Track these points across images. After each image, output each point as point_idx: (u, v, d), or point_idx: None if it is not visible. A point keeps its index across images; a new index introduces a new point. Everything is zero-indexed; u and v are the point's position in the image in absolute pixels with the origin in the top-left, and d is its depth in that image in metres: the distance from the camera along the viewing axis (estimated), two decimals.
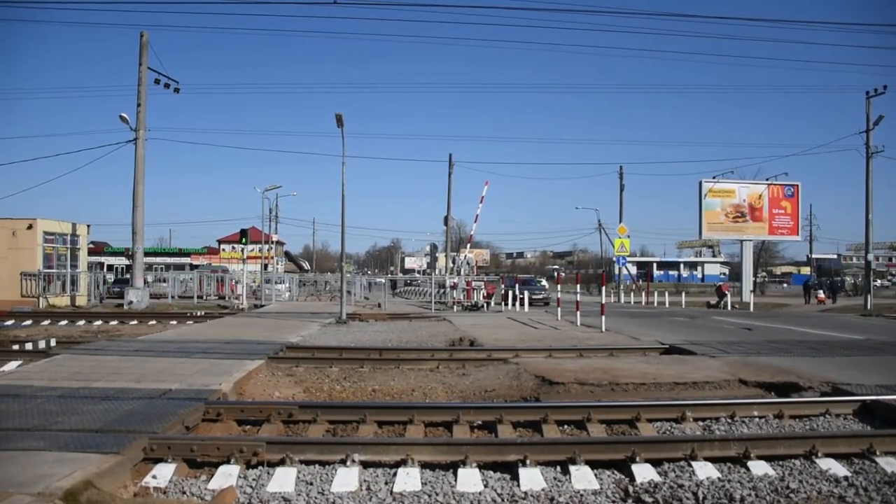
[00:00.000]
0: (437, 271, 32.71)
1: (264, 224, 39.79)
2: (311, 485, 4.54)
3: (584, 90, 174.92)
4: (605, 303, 17.02)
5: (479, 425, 6.16)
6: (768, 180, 35.03)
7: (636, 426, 6.14)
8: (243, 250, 31.51)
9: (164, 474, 4.57)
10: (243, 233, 30.35)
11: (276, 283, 34.93)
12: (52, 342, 12.23)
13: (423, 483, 4.57)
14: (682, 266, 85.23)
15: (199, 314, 20.63)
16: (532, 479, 4.60)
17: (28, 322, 17.85)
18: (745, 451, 5.03)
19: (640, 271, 70.65)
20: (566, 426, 6.22)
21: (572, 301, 22.53)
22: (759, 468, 4.85)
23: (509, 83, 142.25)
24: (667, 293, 36.88)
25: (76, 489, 3.84)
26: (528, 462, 4.75)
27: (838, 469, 4.88)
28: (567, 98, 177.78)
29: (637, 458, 4.87)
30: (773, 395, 7.71)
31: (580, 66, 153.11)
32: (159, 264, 55.74)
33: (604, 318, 15.46)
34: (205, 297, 31.58)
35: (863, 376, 8.14)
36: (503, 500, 4.38)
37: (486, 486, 4.56)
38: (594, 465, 4.88)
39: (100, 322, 18.16)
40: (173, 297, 30.96)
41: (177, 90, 26.17)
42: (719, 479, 4.64)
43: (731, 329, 15.92)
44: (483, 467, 4.80)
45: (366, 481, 4.60)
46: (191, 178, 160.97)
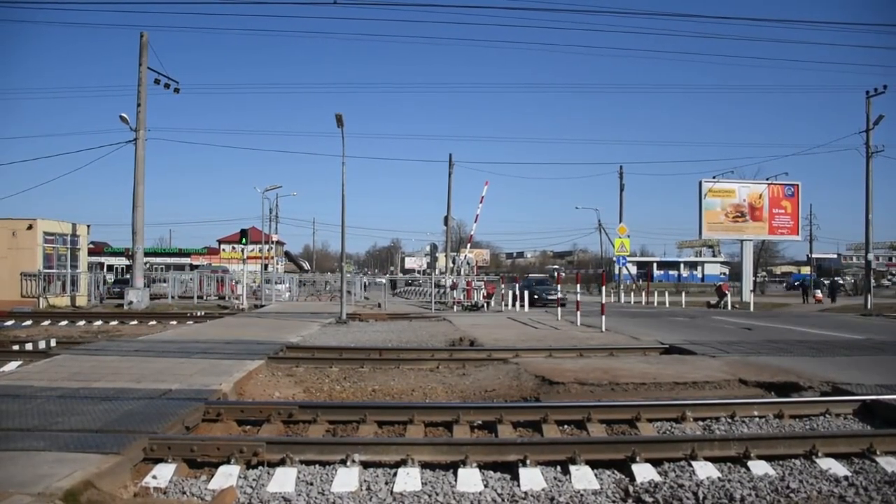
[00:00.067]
0: (437, 271, 32.70)
1: (264, 224, 39.83)
2: (312, 485, 4.54)
3: (584, 90, 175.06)
4: (605, 303, 17.03)
5: (479, 425, 6.16)
6: (768, 180, 35.06)
7: (636, 426, 6.14)
8: (243, 250, 31.52)
9: (164, 474, 4.57)
10: (243, 233, 30.37)
11: (276, 283, 34.94)
12: (52, 342, 12.23)
13: (423, 483, 4.57)
14: (682, 266, 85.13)
15: (199, 314, 20.63)
16: (532, 479, 4.60)
17: (28, 322, 17.86)
18: (745, 451, 5.03)
19: (640, 271, 70.61)
20: (566, 426, 6.23)
21: (572, 301, 22.54)
22: (759, 468, 4.85)
23: (509, 83, 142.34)
24: (667, 293, 36.89)
25: (76, 489, 3.84)
26: (528, 462, 4.75)
27: (838, 469, 4.88)
28: (567, 98, 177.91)
29: (637, 458, 4.87)
30: (774, 394, 7.71)
31: (580, 66, 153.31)
32: (159, 264, 55.74)
33: (604, 317, 15.47)
34: (205, 298, 31.59)
35: (863, 376, 8.14)
36: (503, 500, 4.38)
37: (486, 486, 4.56)
38: (594, 464, 4.88)
39: (100, 322, 18.17)
40: (173, 298, 30.97)
41: (177, 90, 26.22)
42: (719, 478, 4.64)
43: (731, 329, 15.93)
44: (483, 467, 4.81)
45: (366, 481, 4.61)
46: (191, 178, 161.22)
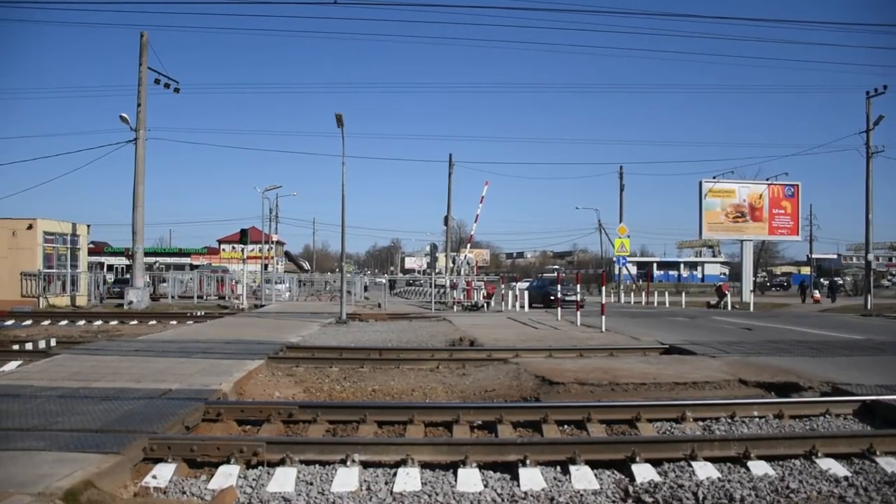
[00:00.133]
0: (436, 271, 32.68)
1: (264, 224, 39.83)
2: (312, 485, 4.54)
3: (584, 90, 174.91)
4: (605, 303, 17.02)
5: (479, 425, 6.16)
6: (768, 180, 35.04)
7: (636, 426, 6.14)
8: (243, 250, 31.54)
9: (164, 474, 4.57)
10: (243, 233, 30.37)
11: (276, 283, 34.93)
12: (52, 342, 12.23)
13: (423, 483, 4.57)
14: (682, 266, 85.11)
15: (199, 314, 20.64)
16: (532, 479, 4.60)
17: (28, 322, 17.86)
18: (745, 451, 5.03)
19: (640, 271, 70.60)
20: (566, 426, 6.22)
21: (572, 301, 22.54)
22: (759, 468, 4.85)
23: (509, 83, 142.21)
24: (667, 293, 36.90)
25: (76, 489, 3.84)
26: (528, 462, 4.75)
27: (838, 469, 4.88)
28: (567, 98, 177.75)
29: (637, 458, 4.87)
30: (773, 395, 7.71)
31: (580, 66, 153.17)
32: (159, 264, 55.74)
33: (604, 318, 15.46)
34: (205, 297, 31.60)
35: (863, 376, 8.14)
36: (503, 500, 4.38)
37: (486, 486, 4.56)
38: (594, 465, 4.88)
39: (100, 322, 18.17)
40: (173, 298, 30.98)
41: (177, 90, 26.22)
42: (719, 479, 4.64)
43: (731, 329, 15.92)
44: (483, 467, 4.80)
45: (366, 481, 4.61)
46: (191, 178, 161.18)
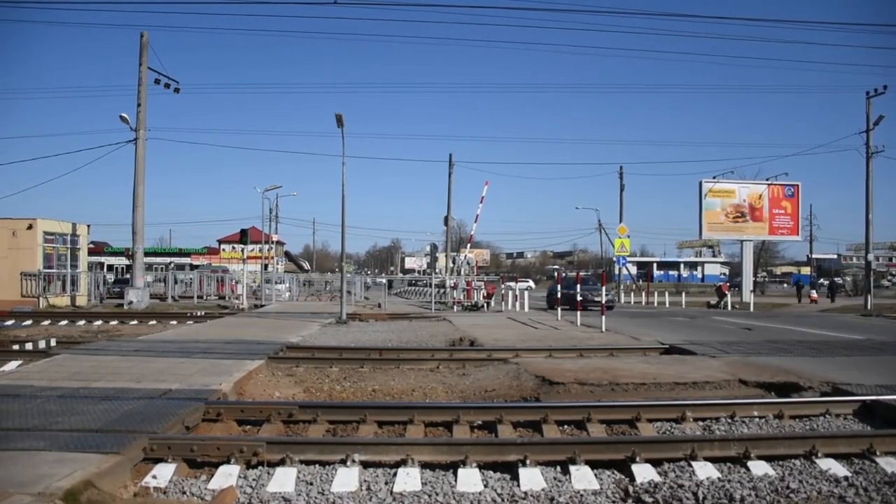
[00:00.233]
0: (437, 271, 32.68)
1: (264, 224, 39.75)
2: (312, 485, 4.54)
3: (584, 90, 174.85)
4: (605, 303, 17.02)
5: (479, 425, 6.16)
6: (768, 180, 35.04)
7: (636, 426, 6.14)
8: (243, 250, 31.52)
9: (164, 474, 4.57)
10: (243, 233, 30.36)
11: (276, 283, 34.92)
12: (53, 342, 12.23)
13: (423, 483, 4.57)
14: (682, 266, 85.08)
15: (199, 314, 20.63)
16: (532, 479, 4.60)
17: (28, 322, 17.86)
18: (745, 451, 5.03)
19: (640, 271, 70.56)
20: (566, 426, 6.23)
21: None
22: (759, 468, 4.85)
23: (509, 83, 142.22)
24: (667, 293, 36.89)
25: (76, 489, 3.84)
26: (528, 462, 4.75)
27: (838, 469, 4.88)
28: (567, 98, 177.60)
29: (637, 458, 4.87)
30: (774, 395, 7.71)
31: (580, 66, 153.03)
32: (159, 264, 55.74)
33: (604, 318, 15.47)
34: (205, 297, 31.60)
35: (863, 376, 8.14)
36: (503, 500, 4.38)
37: (486, 486, 4.56)
38: (594, 465, 4.88)
39: (100, 322, 18.17)
40: (174, 298, 30.97)
41: (177, 90, 26.22)
42: (719, 479, 4.64)
43: (731, 329, 15.93)
44: (483, 467, 4.81)
45: (366, 481, 4.61)
46: (191, 178, 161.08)
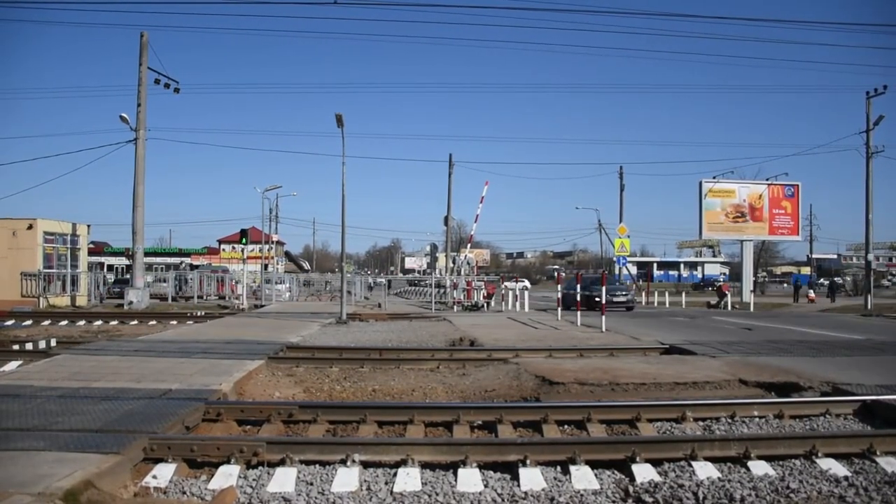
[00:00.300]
0: (437, 271, 32.67)
1: (264, 224, 39.81)
2: (312, 485, 4.54)
3: (585, 90, 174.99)
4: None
5: (479, 425, 6.16)
6: (768, 180, 35.01)
7: (636, 426, 6.14)
8: (243, 250, 31.51)
9: (164, 474, 4.57)
10: (243, 233, 30.35)
11: (276, 283, 34.93)
12: (53, 342, 12.23)
13: (423, 483, 4.57)
14: (682, 266, 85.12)
15: (199, 314, 20.63)
16: (532, 479, 4.60)
17: (28, 322, 17.86)
18: (745, 451, 5.03)
19: (640, 271, 70.55)
20: (566, 426, 6.22)
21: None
22: (759, 468, 4.85)
23: (509, 83, 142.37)
24: (667, 293, 36.89)
25: (76, 489, 3.84)
26: (528, 462, 4.75)
27: (838, 469, 4.88)
28: (567, 98, 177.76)
29: (637, 458, 4.86)
30: (774, 395, 7.71)
31: (580, 66, 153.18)
32: (159, 264, 55.76)
33: (604, 318, 15.46)
34: (205, 298, 31.60)
35: (863, 376, 8.14)
36: (503, 500, 4.37)
37: (486, 486, 4.55)
38: (594, 465, 4.88)
39: (100, 322, 18.17)
40: (173, 298, 30.97)
41: (177, 90, 26.23)
42: (719, 478, 4.64)
43: (731, 329, 15.92)
44: (483, 467, 4.80)
45: (366, 481, 4.60)
46: (191, 178, 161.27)
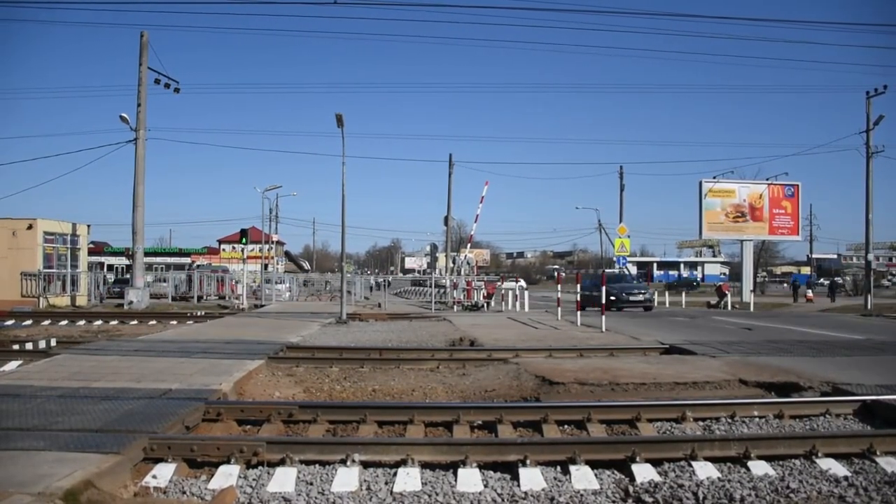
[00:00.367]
0: (437, 271, 32.68)
1: (264, 224, 39.83)
2: (312, 485, 4.54)
3: (586, 90, 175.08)
4: (605, 303, 17.00)
5: (479, 425, 6.16)
6: (768, 180, 34.99)
7: (636, 426, 6.14)
8: (243, 250, 31.52)
9: (164, 474, 4.56)
10: (243, 233, 30.36)
11: (276, 283, 34.95)
12: (53, 342, 12.23)
13: (423, 483, 4.57)
14: (682, 266, 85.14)
15: (199, 314, 20.63)
16: (532, 478, 4.60)
17: (28, 322, 17.86)
18: (745, 451, 5.03)
19: (640, 271, 70.64)
20: (566, 426, 6.22)
21: (572, 301, 22.50)
22: (759, 468, 4.84)
23: (510, 83, 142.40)
24: (667, 293, 36.91)
25: (76, 489, 3.84)
26: (528, 462, 4.75)
27: (838, 469, 4.87)
28: (568, 98, 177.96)
29: (637, 458, 4.86)
30: (774, 394, 7.70)
31: (583, 65, 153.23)
32: (159, 264, 55.78)
33: (604, 318, 15.45)
34: (205, 297, 31.60)
35: (863, 376, 8.13)
36: (503, 500, 4.37)
37: (486, 486, 4.55)
38: (594, 465, 4.88)
39: (100, 322, 18.17)
40: (173, 298, 30.98)
41: (177, 90, 26.24)
42: (719, 478, 4.64)
43: (731, 329, 15.91)
44: (483, 467, 4.80)
45: (366, 481, 4.60)
46: (191, 178, 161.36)
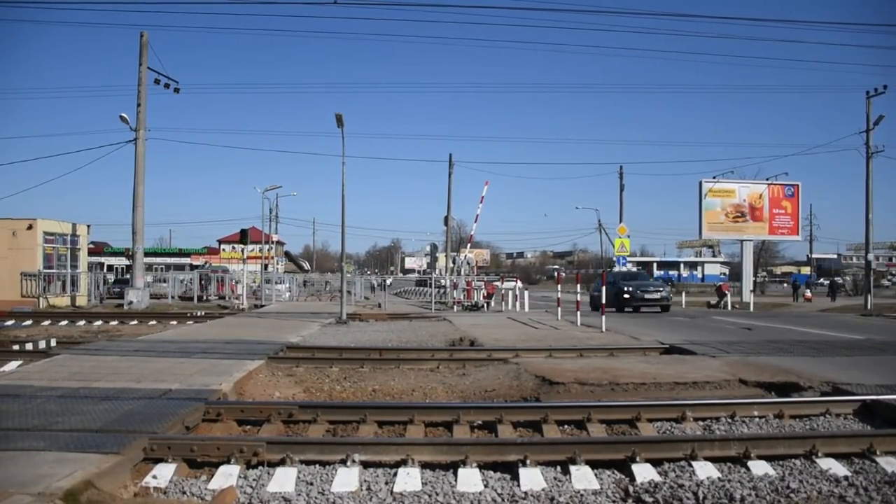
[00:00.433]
0: (437, 271, 32.68)
1: (264, 224, 39.78)
2: (312, 485, 4.54)
3: (586, 90, 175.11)
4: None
5: (479, 425, 6.16)
6: (768, 180, 34.99)
7: (636, 426, 6.14)
8: (243, 250, 31.52)
9: (164, 474, 4.56)
10: (243, 233, 30.36)
11: (276, 283, 34.95)
12: (53, 342, 12.23)
13: (423, 483, 4.57)
14: (682, 266, 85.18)
15: (199, 314, 20.63)
16: (532, 478, 4.59)
17: (28, 322, 17.86)
18: (745, 451, 5.03)
19: (640, 270, 70.56)
20: (566, 426, 6.22)
21: (572, 301, 22.51)
22: (759, 468, 4.84)
23: (510, 83, 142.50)
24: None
25: (76, 489, 3.84)
26: (528, 462, 4.75)
27: (838, 469, 4.87)
28: (568, 98, 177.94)
29: (637, 458, 4.86)
30: (774, 394, 7.70)
31: (584, 66, 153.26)
32: (159, 264, 55.79)
33: (604, 317, 15.45)
34: (205, 298, 31.60)
35: (863, 376, 8.13)
36: (503, 500, 4.37)
37: (486, 486, 4.55)
38: (594, 464, 4.88)
39: (100, 322, 18.17)
40: (173, 298, 30.98)
41: (177, 90, 26.25)
42: (719, 478, 4.63)
43: (731, 329, 15.92)
44: (483, 467, 4.80)
45: (366, 481, 4.60)
46: (191, 178, 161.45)
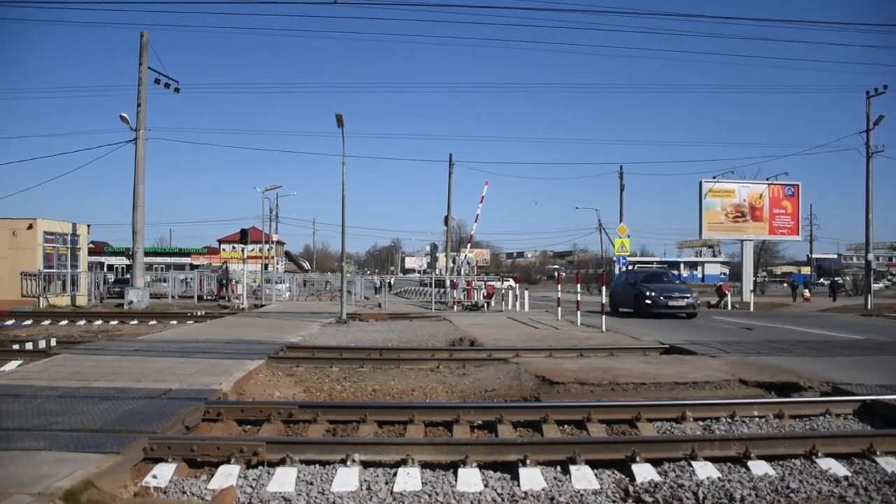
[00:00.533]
0: (437, 271, 32.68)
1: (264, 224, 39.75)
2: (312, 484, 4.54)
3: (586, 90, 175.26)
4: (606, 303, 17.00)
5: (479, 425, 6.16)
6: (768, 180, 34.96)
7: (636, 426, 6.14)
8: (243, 250, 31.52)
9: (164, 474, 4.57)
10: (243, 233, 30.34)
11: (276, 283, 34.93)
12: (53, 342, 12.24)
13: (423, 483, 4.57)
14: (682, 266, 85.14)
15: (199, 314, 20.63)
16: (532, 478, 4.60)
17: (28, 322, 17.86)
18: (745, 451, 5.03)
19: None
20: (566, 426, 6.22)
21: (572, 301, 22.51)
22: (759, 468, 4.85)
23: (510, 83, 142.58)
24: None
25: (76, 489, 3.84)
26: (528, 462, 4.75)
27: (838, 469, 4.88)
28: (568, 98, 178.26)
29: (637, 458, 4.87)
30: (774, 394, 7.71)
31: (585, 66, 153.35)
32: (159, 264, 55.80)
33: (604, 317, 15.45)
34: (205, 297, 31.60)
35: (863, 376, 8.14)
36: (503, 499, 4.38)
37: (486, 485, 4.56)
38: (594, 464, 4.88)
39: (100, 322, 18.17)
40: (173, 297, 30.99)
41: (177, 90, 26.21)
42: (719, 478, 4.64)
43: (731, 329, 15.92)
44: (483, 467, 4.80)
45: (366, 481, 4.60)
46: (191, 178, 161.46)
